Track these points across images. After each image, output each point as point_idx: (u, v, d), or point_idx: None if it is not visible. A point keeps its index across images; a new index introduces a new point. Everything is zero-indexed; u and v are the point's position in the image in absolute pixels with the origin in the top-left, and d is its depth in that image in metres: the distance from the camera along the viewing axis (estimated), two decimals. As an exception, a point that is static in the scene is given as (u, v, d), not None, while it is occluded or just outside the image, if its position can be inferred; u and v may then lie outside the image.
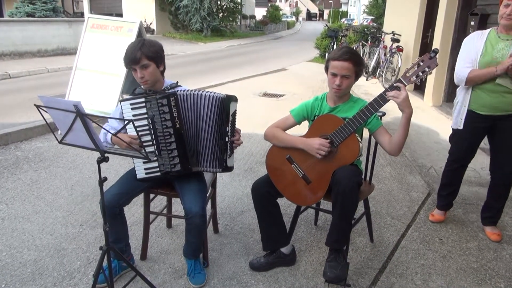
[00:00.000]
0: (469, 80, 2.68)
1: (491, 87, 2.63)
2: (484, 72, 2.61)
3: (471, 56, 2.69)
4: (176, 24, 25.07)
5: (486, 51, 2.64)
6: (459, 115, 2.84)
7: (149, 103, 2.23)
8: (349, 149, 2.27)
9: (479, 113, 2.74)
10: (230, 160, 2.39)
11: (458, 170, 3.02)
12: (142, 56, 2.19)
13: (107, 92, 4.90)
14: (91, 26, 5.14)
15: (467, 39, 2.79)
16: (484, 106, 2.71)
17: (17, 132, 4.91)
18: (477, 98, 2.72)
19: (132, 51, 2.20)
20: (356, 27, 16.05)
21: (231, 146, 2.35)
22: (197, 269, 2.42)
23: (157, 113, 2.24)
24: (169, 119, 2.25)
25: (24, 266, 2.55)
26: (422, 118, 6.14)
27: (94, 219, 3.12)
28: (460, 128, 2.83)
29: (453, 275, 2.55)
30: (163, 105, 2.23)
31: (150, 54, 2.22)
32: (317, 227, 3.10)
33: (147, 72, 2.24)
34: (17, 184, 3.70)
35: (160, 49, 2.30)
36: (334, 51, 2.36)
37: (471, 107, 2.77)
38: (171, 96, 2.23)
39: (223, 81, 9.09)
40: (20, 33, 11.63)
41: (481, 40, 2.68)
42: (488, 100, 2.68)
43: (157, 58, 2.27)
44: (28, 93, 7.26)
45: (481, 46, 2.66)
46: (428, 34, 7.77)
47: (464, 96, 2.78)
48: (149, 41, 2.27)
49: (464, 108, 2.79)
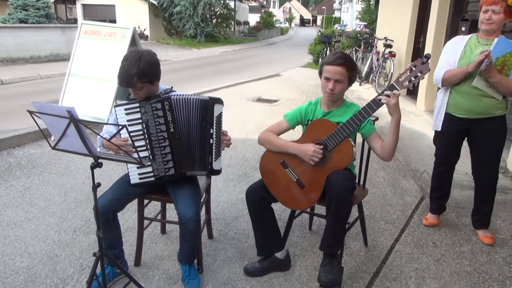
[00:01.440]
0: (444, 80, 2.74)
1: (467, 90, 2.69)
2: (457, 71, 2.67)
3: (450, 59, 2.76)
4: (170, 30, 25.11)
5: (464, 55, 2.71)
6: (437, 117, 2.89)
7: (143, 108, 2.23)
8: (343, 154, 2.28)
9: (456, 115, 2.80)
10: (217, 163, 2.38)
11: (445, 172, 3.07)
12: (137, 81, 2.16)
13: (100, 98, 4.89)
14: (85, 32, 5.13)
15: (448, 43, 2.86)
16: (461, 109, 2.76)
17: (10, 138, 4.87)
18: (454, 101, 2.78)
19: (127, 74, 2.14)
20: (349, 33, 16.16)
21: (217, 149, 2.35)
22: (191, 275, 2.41)
23: (151, 118, 2.24)
24: (163, 123, 2.25)
25: (16, 273, 2.52)
26: (415, 122, 6.18)
27: (87, 225, 3.10)
28: (439, 130, 2.89)
29: (447, 279, 2.56)
30: (157, 109, 2.23)
31: (146, 78, 2.18)
32: (311, 231, 3.10)
33: (142, 92, 2.23)
34: (9, 191, 3.67)
35: (156, 67, 2.25)
36: (328, 56, 2.39)
37: (448, 110, 2.83)
38: (165, 100, 2.23)
39: (217, 86, 9.10)
40: (13, 39, 11.59)
41: (461, 44, 2.76)
42: (464, 103, 2.73)
43: (153, 78, 2.23)
44: (21, 99, 7.21)
45: (461, 49, 2.74)
46: (420, 39, 7.85)
47: (443, 98, 2.84)
48: (145, 61, 2.17)
49: (442, 110, 2.85)
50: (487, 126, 2.75)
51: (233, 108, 7.06)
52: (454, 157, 3.00)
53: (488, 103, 2.67)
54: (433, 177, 3.15)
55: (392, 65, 8.13)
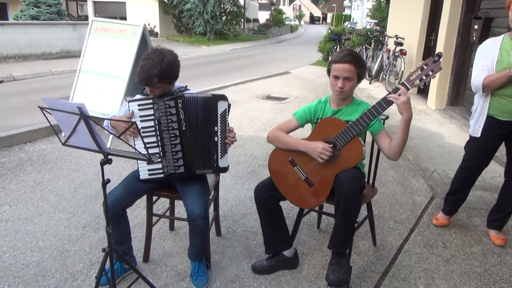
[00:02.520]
0: (485, 86, 2.62)
1: (511, 93, 2.59)
2: (499, 75, 2.56)
3: (487, 63, 2.64)
4: (180, 28, 25.18)
5: (502, 58, 2.59)
6: (477, 122, 2.78)
7: (156, 105, 2.25)
8: (352, 152, 2.27)
9: (499, 119, 2.70)
10: (223, 160, 2.38)
11: (469, 178, 2.98)
12: (157, 82, 2.18)
13: (110, 95, 4.92)
14: (95, 29, 5.16)
15: (481, 47, 2.73)
16: (505, 112, 2.66)
17: (21, 134, 4.93)
18: (496, 104, 2.67)
19: (148, 74, 2.16)
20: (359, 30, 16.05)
21: (222, 146, 2.35)
22: (200, 272, 2.42)
23: (164, 115, 2.25)
24: (176, 121, 2.26)
25: (27, 267, 2.55)
26: (426, 121, 6.13)
27: (97, 221, 3.13)
28: (478, 136, 2.78)
29: (457, 280, 2.53)
30: (171, 107, 2.25)
31: (166, 80, 2.21)
32: (319, 230, 3.09)
33: (159, 90, 2.26)
34: (20, 186, 3.71)
35: (176, 69, 2.27)
36: (335, 54, 2.37)
37: (490, 113, 2.71)
38: (179, 98, 2.25)
39: (226, 84, 9.11)
40: (24, 36, 11.70)
41: (496, 47, 2.64)
42: (508, 106, 2.63)
43: (172, 78, 2.27)
44: (33, 96, 7.30)
45: (496, 53, 2.62)
46: (432, 37, 7.77)
47: (483, 103, 2.73)
48: (167, 62, 2.18)
49: (483, 115, 2.74)
50: None
51: (242, 105, 7.06)
52: (485, 163, 2.90)
53: None
54: (455, 180, 3.05)
55: (403, 63, 8.06)
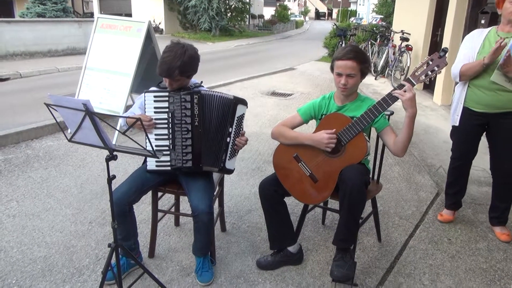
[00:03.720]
0: (461, 74, 2.70)
1: (486, 84, 2.64)
2: (474, 63, 2.63)
3: (469, 53, 2.70)
4: (185, 24, 25.17)
5: (483, 50, 2.64)
6: (455, 112, 2.86)
7: (172, 98, 2.28)
8: (357, 148, 2.27)
9: (474, 110, 2.76)
10: (231, 162, 2.40)
11: (461, 167, 3.02)
12: (178, 74, 2.21)
13: (116, 92, 4.94)
14: (101, 26, 5.18)
15: (467, 37, 2.80)
16: (479, 103, 2.72)
17: (28, 131, 4.97)
18: (472, 95, 2.74)
19: (169, 66, 2.18)
20: (365, 26, 15.97)
21: (233, 148, 2.37)
22: (205, 267, 2.43)
23: (178, 109, 2.28)
24: (189, 116, 2.28)
25: (34, 262, 2.58)
26: (431, 117, 6.09)
27: (103, 216, 3.15)
28: (456, 125, 2.86)
29: (462, 276, 2.53)
30: (186, 101, 2.27)
31: (186, 73, 2.24)
32: (324, 226, 3.09)
33: (177, 84, 2.29)
34: (27, 182, 3.75)
35: (197, 63, 2.31)
36: (338, 51, 2.36)
37: (466, 104, 2.79)
38: (196, 94, 2.27)
39: (231, 80, 9.10)
40: (31, 33, 11.75)
41: (481, 37, 2.70)
42: (483, 98, 2.68)
43: (192, 72, 2.30)
44: (39, 93, 7.34)
45: (479, 43, 2.68)
46: (438, 33, 7.71)
47: (461, 93, 2.81)
48: (189, 55, 2.21)
49: (460, 105, 2.82)
50: (506, 121, 2.69)
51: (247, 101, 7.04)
52: (471, 153, 2.95)
53: (507, 97, 2.62)
54: (449, 172, 3.10)
55: (409, 58, 8.01)
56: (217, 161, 2.36)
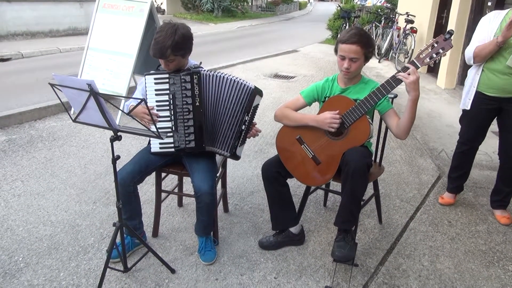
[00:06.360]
0: (475, 56, 2.66)
1: (501, 68, 2.61)
2: (488, 44, 2.58)
3: (484, 36, 2.65)
4: (187, 5, 24.81)
5: (499, 32, 2.57)
6: (467, 95, 2.83)
7: (172, 79, 2.28)
8: (360, 131, 2.27)
9: (487, 94, 2.73)
10: (240, 149, 2.43)
11: (467, 152, 3.01)
12: (170, 54, 2.19)
13: (118, 72, 4.92)
14: (103, 5, 5.12)
15: (483, 20, 2.74)
16: (493, 87, 2.69)
17: (31, 111, 4.98)
18: (486, 79, 2.70)
19: (161, 46, 2.16)
20: (370, 7, 15.72)
21: (244, 136, 2.39)
22: (207, 247, 2.47)
23: (179, 90, 2.29)
24: (190, 96, 2.29)
25: (40, 240, 2.63)
26: (435, 101, 6.07)
27: (107, 197, 3.19)
28: (468, 109, 2.83)
29: (461, 257, 2.56)
30: (186, 81, 2.28)
31: (179, 51, 2.22)
32: (326, 208, 3.12)
33: (172, 64, 2.28)
34: (31, 162, 3.78)
35: (190, 41, 2.28)
36: (343, 33, 2.33)
37: (479, 89, 2.75)
38: (195, 74, 2.28)
39: (234, 62, 9.04)
40: (32, 12, 11.63)
41: (497, 20, 2.64)
42: (497, 82, 2.65)
43: (186, 51, 2.27)
44: (41, 73, 7.32)
45: (496, 27, 2.62)
46: (443, 15, 7.60)
47: (474, 76, 2.77)
48: (180, 34, 2.19)
49: (473, 88, 2.78)
50: None
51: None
52: (480, 138, 2.93)
53: None
54: (454, 156, 3.09)
55: (413, 41, 7.92)
56: (230, 147, 2.37)
